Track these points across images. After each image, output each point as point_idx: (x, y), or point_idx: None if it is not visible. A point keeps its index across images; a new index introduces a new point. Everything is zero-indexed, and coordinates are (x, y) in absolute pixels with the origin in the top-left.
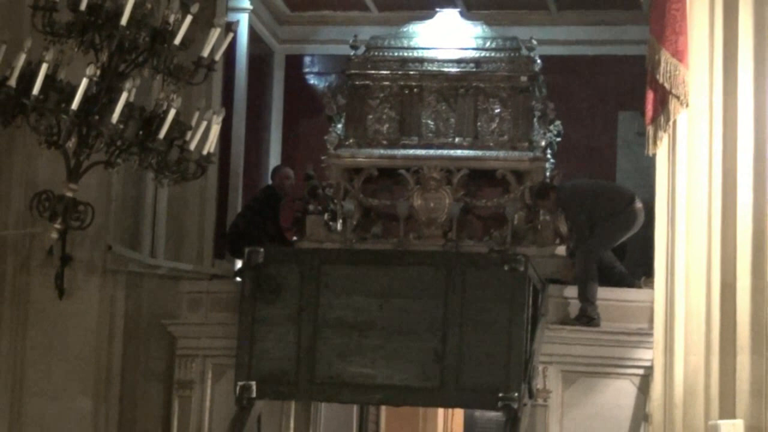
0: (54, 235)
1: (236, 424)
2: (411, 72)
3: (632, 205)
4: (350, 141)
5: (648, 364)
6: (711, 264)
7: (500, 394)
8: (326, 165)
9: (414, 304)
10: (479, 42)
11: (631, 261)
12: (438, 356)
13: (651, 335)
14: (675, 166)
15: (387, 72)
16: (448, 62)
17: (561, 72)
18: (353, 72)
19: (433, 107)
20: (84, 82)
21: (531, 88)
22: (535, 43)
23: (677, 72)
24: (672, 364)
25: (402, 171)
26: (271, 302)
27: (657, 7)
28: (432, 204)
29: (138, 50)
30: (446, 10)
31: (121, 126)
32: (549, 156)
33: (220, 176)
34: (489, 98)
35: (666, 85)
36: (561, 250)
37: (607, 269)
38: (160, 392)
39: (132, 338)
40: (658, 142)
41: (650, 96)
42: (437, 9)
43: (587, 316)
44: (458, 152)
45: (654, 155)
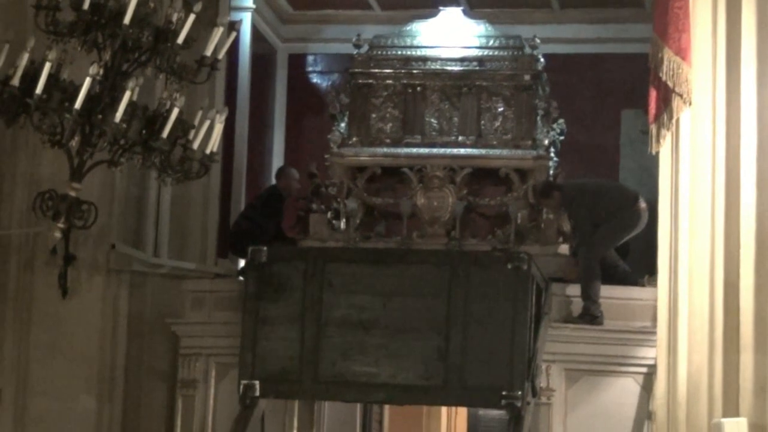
0: (57, 235)
1: (240, 423)
2: (414, 71)
3: (636, 205)
4: (353, 140)
5: (651, 363)
6: (714, 262)
7: (503, 393)
8: (329, 164)
9: (417, 303)
10: (482, 40)
11: (634, 259)
12: (441, 355)
13: (654, 333)
14: (678, 164)
15: (390, 71)
16: (452, 61)
17: (564, 70)
18: (356, 71)
19: (437, 106)
20: (87, 82)
21: (534, 87)
22: (539, 42)
23: (680, 70)
24: (675, 363)
25: (405, 170)
26: (275, 301)
27: (660, 5)
28: (435, 203)
29: (141, 49)
30: (449, 9)
31: (124, 125)
32: (552, 154)
33: (223, 175)
34: (492, 97)
35: (669, 83)
36: (564, 249)
37: (611, 267)
38: (164, 391)
39: (135, 337)
40: (661, 140)
41: (653, 94)
42: (440, 7)
43: (590, 315)
44: (461, 151)
45: (657, 153)
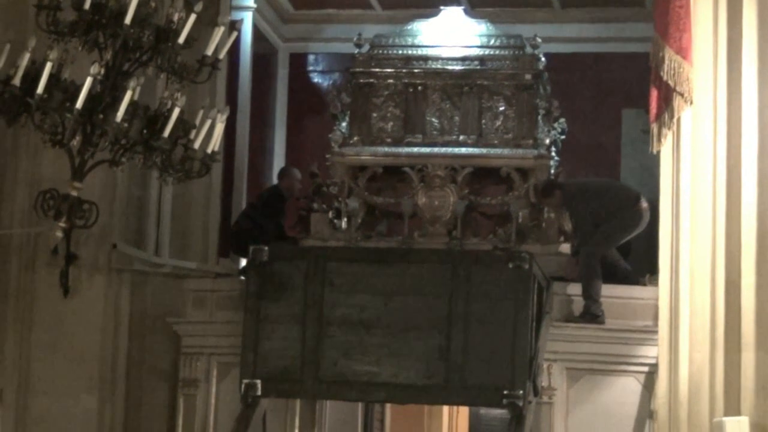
0: (59, 234)
1: (241, 423)
2: (415, 70)
3: (638, 205)
4: (355, 139)
5: (653, 362)
6: (715, 261)
7: (505, 392)
8: (331, 163)
9: (419, 302)
10: (483, 40)
11: (636, 258)
12: (443, 354)
13: (656, 332)
14: (679, 164)
15: (391, 70)
16: (453, 60)
17: (565, 70)
18: (357, 70)
19: (438, 105)
20: (88, 81)
21: (535, 86)
22: (540, 41)
23: (681, 69)
24: (677, 362)
25: (406, 169)
26: (276, 300)
27: (661, 4)
28: (436, 202)
29: (142, 49)
30: (450, 8)
31: (126, 125)
32: (553, 154)
33: (225, 174)
34: (493, 96)
35: (670, 83)
36: (565, 248)
37: (612, 267)
38: (165, 390)
39: (137, 337)
40: (663, 140)
41: (654, 93)
42: (441, 7)
43: (591, 314)
44: (462, 150)
45: (658, 152)
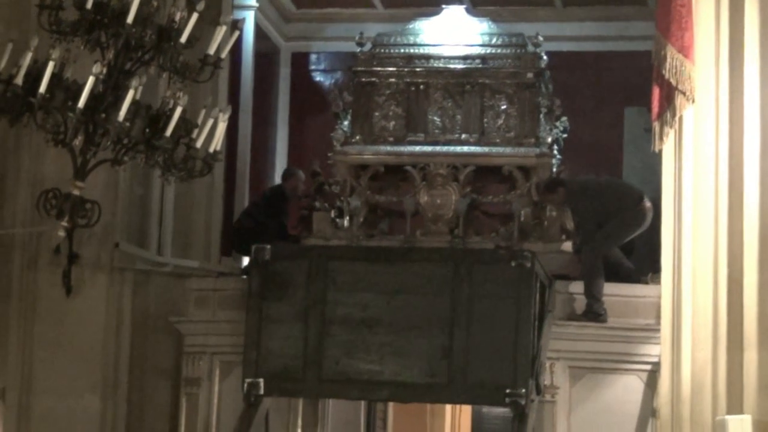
0: (61, 233)
1: (244, 422)
2: (417, 69)
3: (640, 204)
4: (357, 138)
5: (655, 360)
6: (718, 259)
7: (508, 391)
8: (333, 162)
9: (421, 301)
10: (485, 38)
11: (638, 257)
12: (445, 352)
13: (658, 331)
14: (681, 162)
15: (393, 69)
16: (454, 59)
17: (567, 68)
18: (359, 69)
19: (440, 104)
20: (90, 81)
21: (537, 85)
22: (541, 40)
23: (683, 68)
24: (679, 360)
25: (408, 168)
26: (278, 299)
27: (663, 3)
28: (438, 200)
29: (144, 48)
30: (452, 7)
31: (128, 124)
32: (555, 152)
33: (227, 174)
34: (495, 95)
35: (672, 81)
36: (567, 246)
37: (614, 265)
38: (168, 389)
39: (139, 336)
40: (665, 138)
41: (656, 92)
42: (443, 5)
43: (594, 312)
44: (465, 149)
45: (660, 151)
